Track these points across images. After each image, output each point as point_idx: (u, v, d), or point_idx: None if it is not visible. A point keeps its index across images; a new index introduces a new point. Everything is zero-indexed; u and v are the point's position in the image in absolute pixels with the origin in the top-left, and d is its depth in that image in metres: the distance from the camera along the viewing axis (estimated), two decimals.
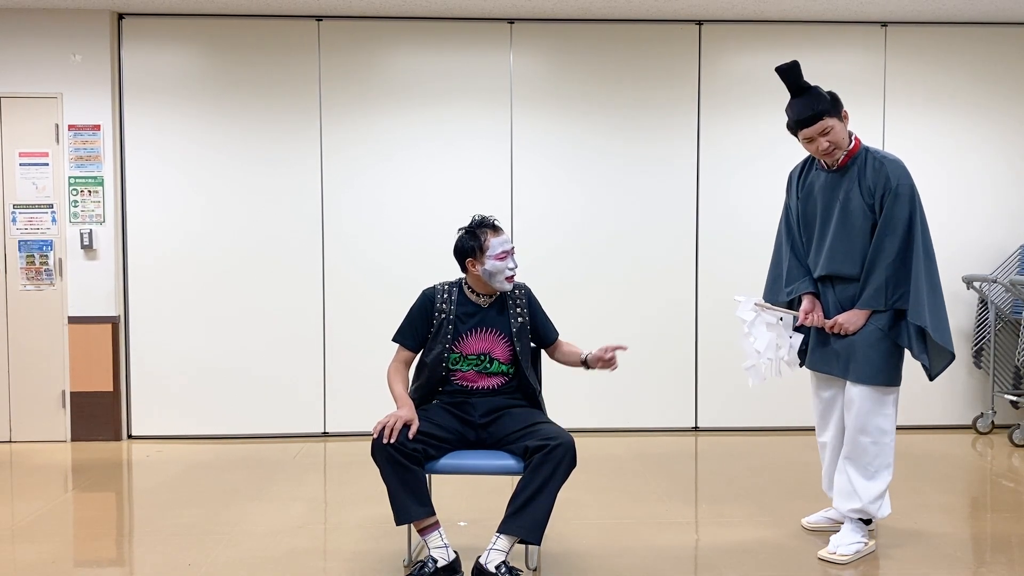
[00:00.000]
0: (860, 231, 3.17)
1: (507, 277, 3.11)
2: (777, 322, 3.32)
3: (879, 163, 3.16)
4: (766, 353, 3.29)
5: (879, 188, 3.12)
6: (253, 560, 3.24)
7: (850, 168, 3.21)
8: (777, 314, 3.33)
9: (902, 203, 3.10)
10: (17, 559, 3.28)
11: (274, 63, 5.19)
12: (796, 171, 3.45)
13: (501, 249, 3.08)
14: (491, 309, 3.18)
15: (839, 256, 3.22)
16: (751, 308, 3.32)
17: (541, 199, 5.30)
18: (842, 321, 3.20)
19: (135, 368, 5.21)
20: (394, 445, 2.86)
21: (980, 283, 5.26)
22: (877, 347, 3.16)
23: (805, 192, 3.36)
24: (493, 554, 2.85)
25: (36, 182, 5.09)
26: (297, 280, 5.24)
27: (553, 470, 2.87)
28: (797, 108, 3.16)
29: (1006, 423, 5.31)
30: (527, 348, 3.22)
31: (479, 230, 3.12)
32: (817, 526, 3.54)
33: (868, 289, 3.16)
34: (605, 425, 5.34)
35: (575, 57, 5.28)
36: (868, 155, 3.20)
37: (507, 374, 3.18)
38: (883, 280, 3.13)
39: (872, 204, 3.15)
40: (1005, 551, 3.37)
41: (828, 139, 3.15)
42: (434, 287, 3.21)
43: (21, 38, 5.04)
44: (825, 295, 3.31)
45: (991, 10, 5.13)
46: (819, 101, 3.12)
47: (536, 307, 3.27)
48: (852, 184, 3.18)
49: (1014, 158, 5.42)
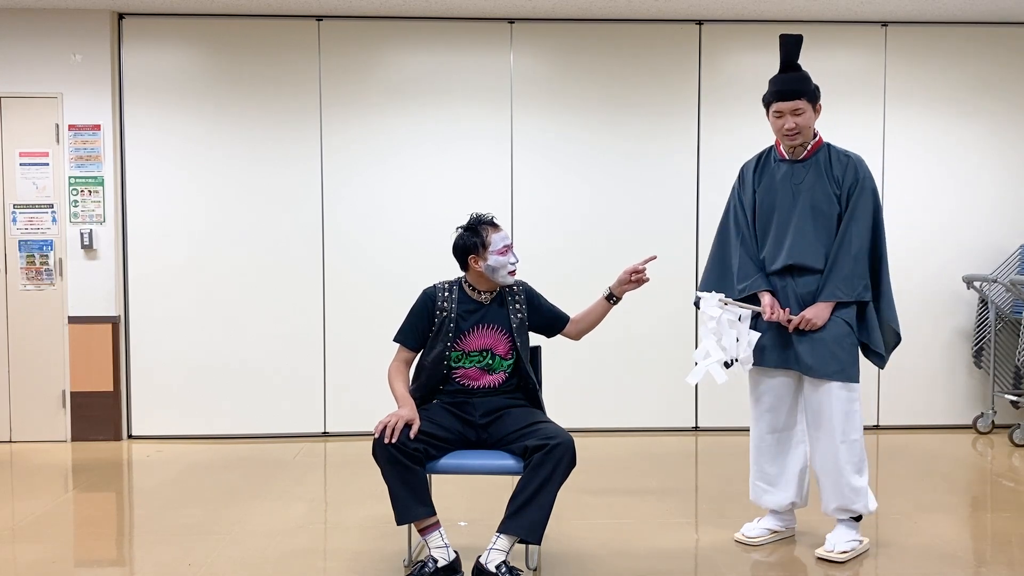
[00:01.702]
0: (828, 222, 3.20)
1: (510, 271, 3.14)
2: (737, 319, 3.24)
3: (844, 156, 3.24)
4: (730, 350, 3.21)
5: (847, 180, 3.19)
6: (253, 560, 3.24)
7: (814, 160, 3.25)
8: (739, 311, 3.25)
9: (867, 196, 3.18)
10: (17, 559, 3.28)
11: (274, 63, 5.19)
12: (751, 164, 3.43)
13: (503, 244, 3.11)
14: (491, 305, 3.19)
15: (805, 246, 3.20)
16: (715, 304, 3.24)
17: (541, 199, 5.30)
18: (809, 316, 3.16)
19: (135, 368, 5.21)
20: (395, 445, 2.87)
21: (980, 283, 5.26)
22: (843, 343, 3.15)
23: (764, 185, 3.34)
24: (493, 554, 2.86)
25: (36, 182, 5.09)
26: (297, 279, 5.24)
27: (553, 469, 2.88)
28: (782, 80, 3.23)
29: (1006, 423, 5.31)
30: (527, 344, 3.23)
31: (480, 227, 3.14)
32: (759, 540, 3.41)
33: (834, 279, 3.15)
34: (605, 425, 5.34)
35: (575, 57, 5.28)
36: (831, 150, 3.27)
37: (508, 371, 3.18)
38: (849, 270, 3.14)
39: (839, 195, 3.19)
40: (1005, 551, 3.37)
41: (796, 120, 3.19)
42: (434, 286, 3.21)
43: (21, 38, 5.04)
44: (784, 289, 3.26)
45: (991, 10, 5.13)
46: (804, 83, 3.20)
47: (538, 301, 3.28)
48: (819, 174, 3.22)
49: (1014, 158, 5.42)
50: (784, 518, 3.46)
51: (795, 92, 3.17)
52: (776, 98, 3.21)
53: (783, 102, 3.19)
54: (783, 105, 3.19)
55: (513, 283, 3.22)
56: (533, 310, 3.25)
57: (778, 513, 3.44)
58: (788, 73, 3.23)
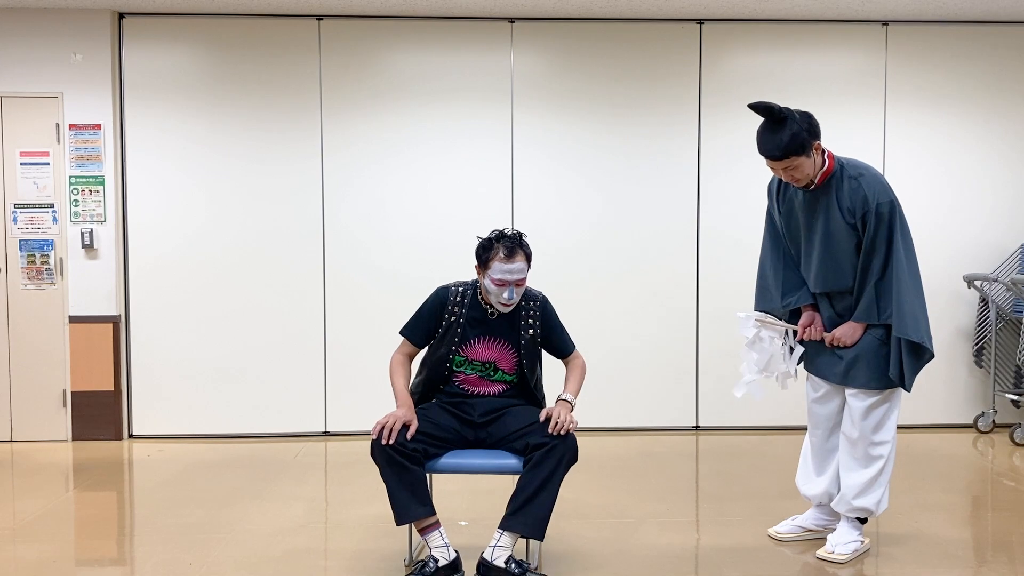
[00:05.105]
0: (845, 250, 3.15)
1: (502, 303, 3.01)
2: (778, 336, 3.32)
3: (855, 182, 3.10)
4: (767, 369, 3.31)
5: (858, 208, 3.09)
6: (254, 560, 3.24)
7: (827, 188, 3.15)
8: (778, 328, 3.33)
9: (884, 222, 3.08)
10: (18, 558, 3.28)
11: (275, 62, 5.19)
12: (775, 182, 3.37)
13: (500, 276, 2.96)
14: (502, 318, 3.10)
15: (829, 275, 3.21)
16: (752, 324, 3.32)
17: (542, 199, 5.29)
18: (839, 335, 3.20)
19: (136, 367, 5.21)
20: (393, 446, 2.86)
21: (981, 282, 5.26)
22: (877, 354, 3.16)
23: (786, 208, 3.32)
24: (498, 550, 2.87)
25: (37, 181, 5.09)
26: (298, 279, 5.24)
27: (555, 467, 2.88)
28: (763, 141, 3.06)
29: (1007, 422, 5.31)
30: (535, 362, 3.15)
31: (494, 245, 3.00)
32: (790, 536, 3.46)
33: (861, 304, 3.17)
34: (605, 425, 5.34)
35: (576, 56, 5.28)
36: (844, 173, 3.13)
37: (510, 383, 3.15)
38: (873, 297, 3.14)
39: (854, 223, 3.11)
40: (1006, 550, 3.37)
41: (792, 174, 3.09)
42: (447, 287, 3.14)
43: (22, 38, 5.04)
44: (822, 308, 3.31)
45: (992, 9, 5.12)
46: (790, 139, 2.99)
47: (551, 320, 3.17)
48: (831, 203, 3.14)
49: (1014, 157, 5.42)
50: (821, 517, 3.44)
51: (783, 155, 3.01)
52: (765, 157, 3.09)
53: (771, 161, 3.09)
54: (772, 164, 3.10)
55: (532, 294, 3.13)
56: (545, 327, 3.15)
57: (820, 509, 3.44)
58: (772, 133, 3.02)
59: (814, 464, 3.42)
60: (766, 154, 3.07)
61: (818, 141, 3.07)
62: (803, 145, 3.01)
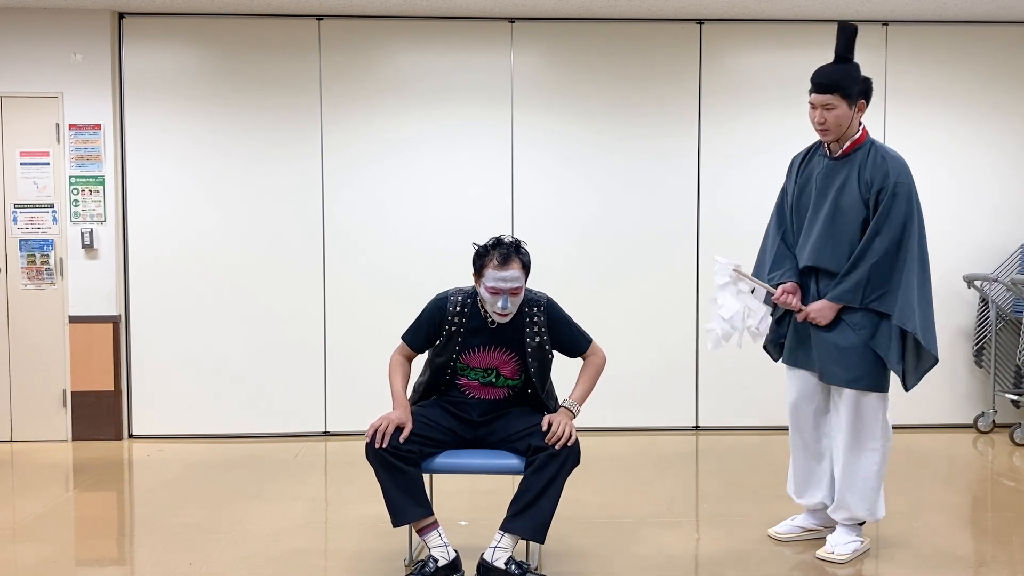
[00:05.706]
0: (849, 226, 3.09)
1: (498, 313, 2.93)
2: (750, 292, 3.20)
3: (881, 158, 3.08)
4: (731, 321, 3.18)
5: (876, 182, 3.04)
6: (254, 560, 3.24)
7: (852, 158, 3.12)
8: (752, 284, 3.21)
9: (899, 203, 3.02)
10: (18, 558, 3.28)
11: (275, 62, 5.19)
12: (800, 156, 3.36)
13: (494, 285, 2.88)
14: (504, 326, 3.01)
15: (824, 250, 3.14)
16: (728, 272, 3.19)
17: (542, 199, 5.29)
18: (814, 311, 3.14)
19: (136, 368, 5.21)
20: (387, 448, 2.85)
21: (981, 282, 5.26)
22: (857, 352, 3.09)
23: (804, 178, 3.28)
24: (499, 551, 2.86)
25: (37, 181, 5.09)
26: (298, 279, 5.24)
27: (558, 470, 2.87)
28: (820, 71, 3.12)
29: (1007, 422, 5.30)
30: (544, 368, 3.09)
31: (489, 252, 2.92)
32: (790, 536, 3.44)
33: (846, 283, 3.07)
34: (605, 425, 5.34)
35: (576, 56, 5.28)
36: (873, 148, 3.12)
37: (513, 387, 3.12)
38: (864, 277, 3.04)
39: (867, 199, 3.06)
40: (1006, 550, 3.37)
41: (826, 115, 3.07)
42: (446, 296, 3.06)
43: (21, 38, 5.04)
44: (807, 287, 3.23)
45: (992, 9, 5.12)
46: (843, 78, 3.06)
47: (560, 322, 3.09)
48: (851, 175, 3.10)
49: (1015, 157, 5.41)
50: (819, 516, 3.42)
51: (828, 86, 3.05)
52: (812, 88, 3.11)
53: (816, 94, 3.09)
54: (815, 97, 3.09)
55: (534, 298, 3.05)
56: (553, 330, 3.08)
57: (814, 511, 3.43)
58: (831, 65, 3.10)
59: (805, 471, 3.37)
60: (816, 80, 3.09)
61: (864, 102, 3.11)
62: (850, 91, 3.06)
